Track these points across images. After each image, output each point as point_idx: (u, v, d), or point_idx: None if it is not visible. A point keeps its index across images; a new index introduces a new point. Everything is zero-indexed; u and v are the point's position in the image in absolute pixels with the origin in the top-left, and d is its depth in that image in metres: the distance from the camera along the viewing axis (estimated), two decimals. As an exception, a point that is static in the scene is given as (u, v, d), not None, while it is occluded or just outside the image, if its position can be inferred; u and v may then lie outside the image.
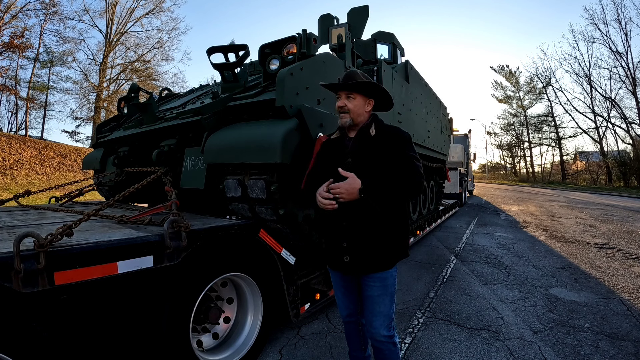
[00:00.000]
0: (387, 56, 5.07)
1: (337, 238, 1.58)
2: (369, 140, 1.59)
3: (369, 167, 1.53)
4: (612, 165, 27.57)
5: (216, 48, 2.50)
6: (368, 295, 1.60)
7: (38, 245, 1.24)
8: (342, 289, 1.73)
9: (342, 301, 1.76)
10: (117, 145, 3.64)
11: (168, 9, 25.71)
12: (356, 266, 1.56)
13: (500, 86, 38.99)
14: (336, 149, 1.65)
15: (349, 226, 1.55)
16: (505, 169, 45.78)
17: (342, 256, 1.57)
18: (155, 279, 1.69)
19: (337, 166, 1.55)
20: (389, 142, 1.57)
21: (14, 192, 10.03)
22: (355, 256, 1.55)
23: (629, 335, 2.53)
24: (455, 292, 3.49)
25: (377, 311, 1.59)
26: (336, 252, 1.60)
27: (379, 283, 1.58)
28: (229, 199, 2.41)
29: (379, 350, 1.63)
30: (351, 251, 1.55)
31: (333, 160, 1.61)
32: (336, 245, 1.59)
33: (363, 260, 1.55)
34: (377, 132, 1.60)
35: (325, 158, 1.68)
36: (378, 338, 1.60)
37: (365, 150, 1.57)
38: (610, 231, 6.76)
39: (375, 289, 1.58)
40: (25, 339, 1.24)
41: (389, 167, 1.52)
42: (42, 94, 21.98)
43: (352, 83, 1.58)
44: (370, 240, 1.54)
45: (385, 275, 1.58)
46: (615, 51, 27.62)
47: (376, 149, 1.56)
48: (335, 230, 1.59)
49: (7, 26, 18.34)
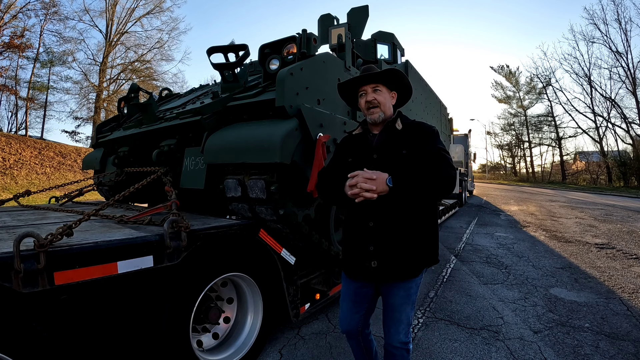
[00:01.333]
0: (387, 56, 5.07)
1: (363, 241, 1.47)
2: (396, 135, 1.50)
3: (396, 163, 1.43)
4: (612, 165, 27.56)
5: (216, 48, 2.50)
6: (390, 303, 1.53)
7: (38, 245, 1.24)
8: (350, 304, 1.61)
9: (347, 315, 1.62)
10: (117, 145, 3.64)
11: (168, 9, 25.71)
12: (383, 272, 1.45)
13: (500, 86, 39.03)
14: (360, 145, 1.57)
15: (376, 227, 1.44)
16: (505, 169, 45.77)
17: (368, 261, 1.45)
18: (155, 279, 1.69)
19: (361, 162, 1.46)
20: (415, 136, 1.48)
21: (14, 192, 10.03)
22: (384, 261, 1.43)
23: (629, 335, 2.53)
24: (455, 292, 3.49)
25: (398, 319, 1.52)
26: (361, 257, 1.48)
27: (402, 292, 1.49)
28: (229, 199, 2.41)
29: (392, 355, 1.56)
30: (379, 255, 1.43)
31: (357, 157, 1.53)
32: (361, 249, 1.47)
33: (391, 266, 1.44)
34: (403, 125, 1.52)
35: (348, 155, 1.58)
36: (395, 344, 1.53)
37: (391, 145, 1.48)
38: (610, 231, 6.76)
39: (398, 298, 1.50)
40: (25, 339, 1.24)
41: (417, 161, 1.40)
42: (42, 94, 22.02)
43: (376, 72, 1.50)
44: (400, 243, 1.43)
45: (410, 284, 1.49)
46: (615, 51, 27.65)
47: (403, 143, 1.46)
48: (360, 232, 1.48)
49: (7, 26, 18.36)
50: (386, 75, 1.54)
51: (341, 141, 1.71)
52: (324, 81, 2.45)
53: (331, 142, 2.34)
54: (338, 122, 2.49)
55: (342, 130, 2.51)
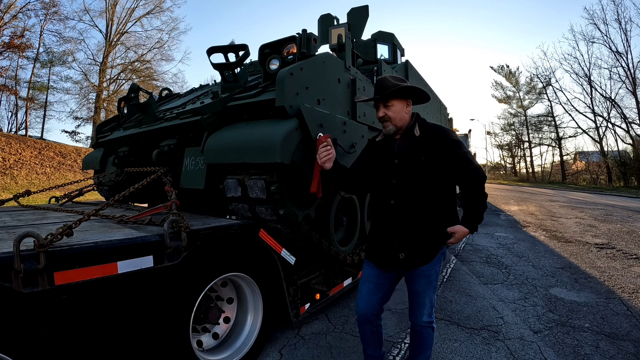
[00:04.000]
0: (387, 56, 5.07)
1: (389, 237, 1.66)
2: (414, 141, 1.63)
3: (415, 167, 1.60)
4: (612, 165, 27.55)
5: (216, 48, 2.50)
6: (414, 290, 1.72)
7: (38, 245, 1.24)
8: (372, 285, 1.76)
9: (365, 297, 1.77)
10: (117, 145, 3.63)
11: (168, 9, 25.69)
12: (410, 262, 1.64)
13: (500, 86, 38.96)
14: (382, 150, 1.72)
15: (400, 228, 1.63)
16: (505, 169, 45.74)
17: (396, 253, 1.64)
18: (155, 279, 1.69)
19: (383, 167, 1.66)
20: (435, 141, 1.62)
21: (14, 192, 10.03)
22: (410, 253, 1.63)
23: (629, 335, 2.53)
24: (455, 292, 3.49)
25: (422, 303, 1.71)
26: (389, 250, 1.67)
27: (424, 280, 1.68)
28: (229, 199, 2.41)
29: (419, 333, 1.76)
30: (404, 248, 1.63)
31: (379, 162, 1.69)
32: (387, 243, 1.67)
33: (416, 256, 1.63)
34: (421, 132, 1.65)
35: (371, 159, 1.75)
36: (420, 324, 1.73)
37: (411, 151, 1.62)
38: (610, 231, 6.76)
39: (421, 285, 1.69)
40: (25, 339, 1.24)
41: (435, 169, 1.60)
42: (42, 94, 22.02)
43: (386, 94, 1.63)
44: (421, 238, 1.63)
45: (430, 271, 1.67)
46: (615, 51, 27.61)
47: (422, 149, 1.61)
48: (385, 230, 1.67)
49: (7, 26, 18.36)
50: (393, 94, 1.65)
51: (365, 146, 1.87)
52: (324, 81, 2.45)
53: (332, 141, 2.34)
54: (338, 122, 2.49)
55: (342, 130, 2.51)
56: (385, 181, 1.64)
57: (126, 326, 1.63)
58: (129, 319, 1.64)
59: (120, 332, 1.61)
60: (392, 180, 1.62)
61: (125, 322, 1.63)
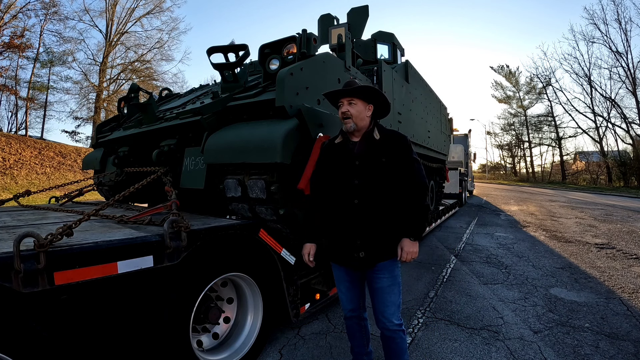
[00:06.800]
0: (387, 56, 5.07)
1: (350, 236, 1.67)
2: (375, 144, 1.70)
3: (376, 168, 1.65)
4: (612, 165, 27.55)
5: (216, 48, 2.50)
6: (378, 287, 1.70)
7: (38, 245, 1.24)
8: (347, 283, 1.81)
9: (346, 295, 1.83)
10: (117, 145, 3.64)
11: (168, 9, 25.69)
12: (370, 260, 1.66)
13: (500, 86, 39.00)
14: (341, 152, 1.74)
15: (362, 226, 1.65)
16: (505, 169, 45.76)
17: (357, 252, 1.66)
18: (155, 279, 1.69)
19: (344, 169, 1.68)
20: (392, 145, 1.70)
21: (14, 192, 10.03)
22: (370, 251, 1.65)
23: (629, 335, 2.53)
24: (455, 292, 3.49)
25: (389, 301, 1.69)
26: (349, 249, 1.68)
27: (387, 274, 1.69)
28: (229, 199, 2.41)
29: (391, 339, 1.71)
30: (365, 247, 1.65)
31: (339, 164, 1.72)
32: (349, 242, 1.68)
33: (376, 253, 1.66)
34: (381, 135, 1.72)
35: (330, 162, 1.77)
36: (391, 327, 1.68)
37: (372, 152, 1.68)
38: (610, 231, 6.76)
39: (385, 280, 1.69)
40: (25, 339, 1.24)
41: (394, 170, 1.66)
42: (42, 94, 21.99)
43: (351, 88, 1.70)
44: (382, 235, 1.66)
45: (392, 267, 1.70)
46: (615, 51, 27.62)
47: (382, 151, 1.68)
48: (347, 229, 1.68)
49: (7, 26, 18.34)
50: (360, 90, 1.71)
51: (323, 148, 1.87)
52: (324, 81, 2.45)
53: None
54: (338, 122, 2.49)
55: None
56: (346, 182, 1.67)
57: (126, 326, 1.63)
58: (129, 319, 1.64)
59: (120, 332, 1.61)
60: (355, 181, 1.65)
61: (125, 322, 1.62)
